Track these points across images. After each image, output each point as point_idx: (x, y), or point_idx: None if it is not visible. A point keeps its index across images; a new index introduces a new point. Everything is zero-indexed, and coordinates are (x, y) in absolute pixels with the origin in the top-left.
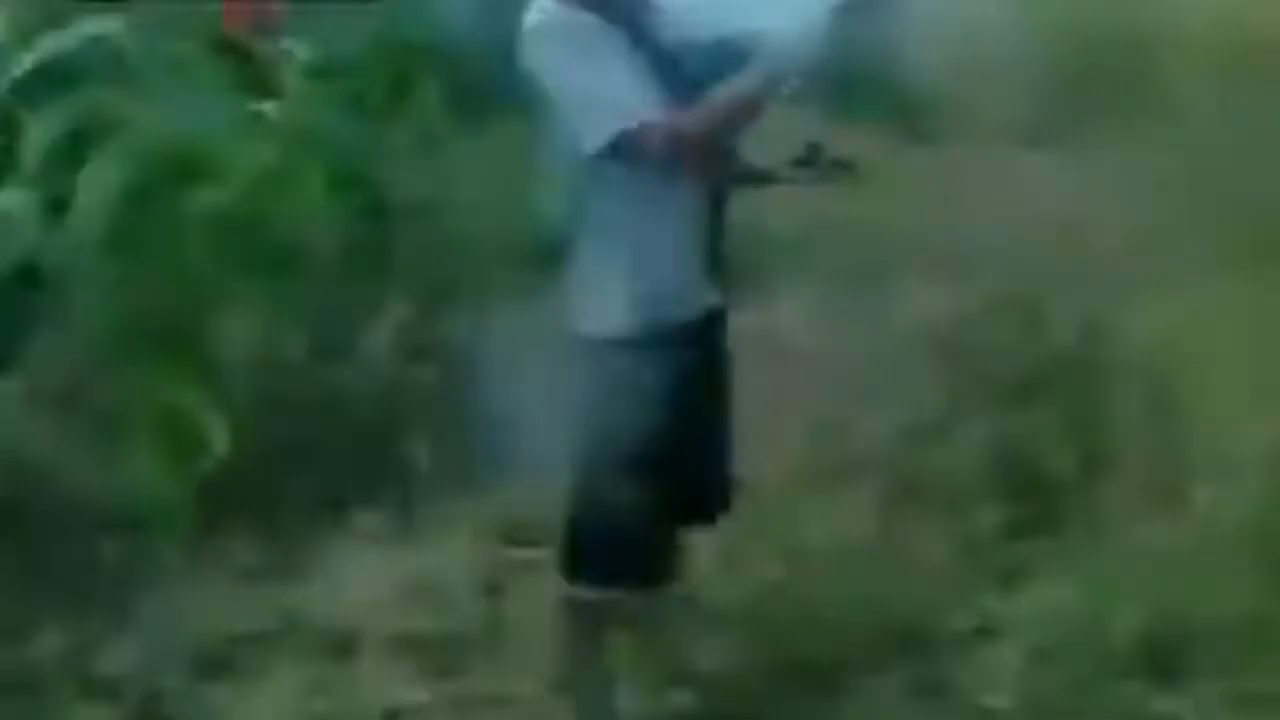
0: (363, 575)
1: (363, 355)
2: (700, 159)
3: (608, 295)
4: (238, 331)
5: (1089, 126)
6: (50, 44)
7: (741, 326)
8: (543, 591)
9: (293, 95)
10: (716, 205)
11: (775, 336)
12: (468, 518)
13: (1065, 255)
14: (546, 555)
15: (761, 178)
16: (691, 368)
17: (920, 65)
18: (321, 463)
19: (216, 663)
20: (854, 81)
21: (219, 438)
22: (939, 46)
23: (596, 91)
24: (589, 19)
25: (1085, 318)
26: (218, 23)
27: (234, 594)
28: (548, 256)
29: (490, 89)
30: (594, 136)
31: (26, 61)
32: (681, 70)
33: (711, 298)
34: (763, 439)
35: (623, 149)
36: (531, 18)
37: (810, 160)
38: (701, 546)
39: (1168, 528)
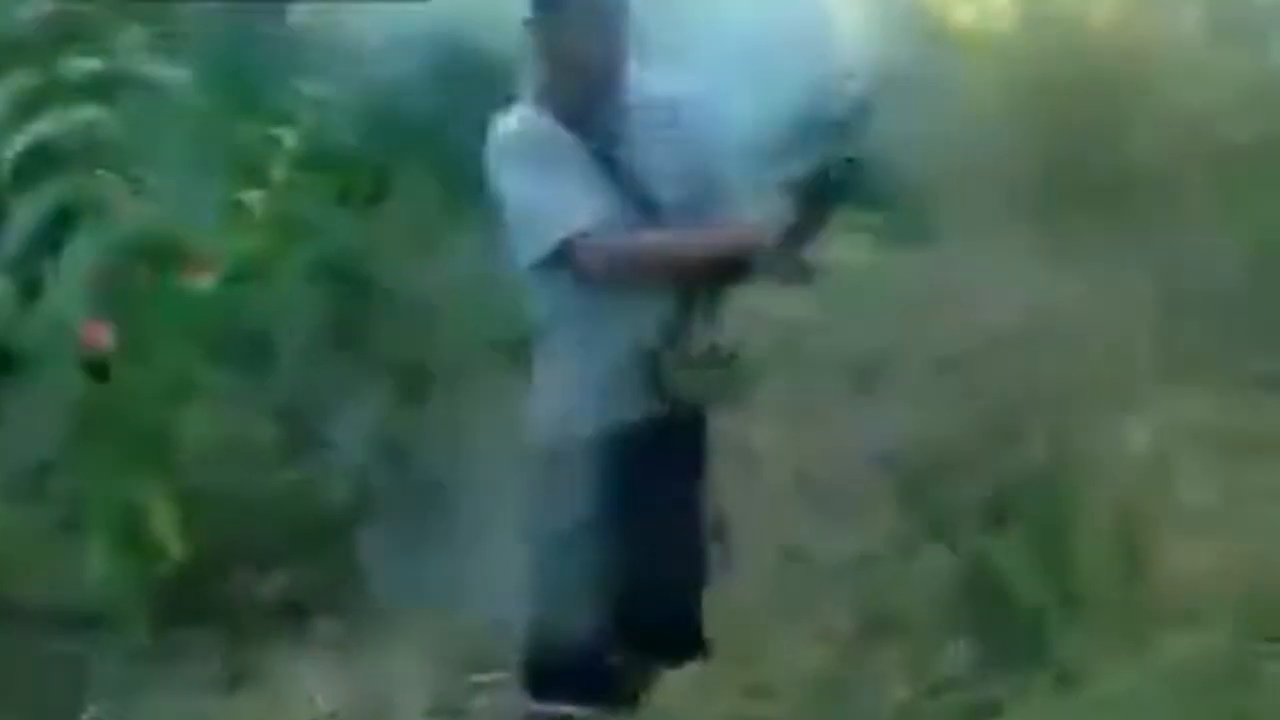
0: (315, 690)
1: (334, 449)
2: (649, 278)
3: (552, 401)
4: (206, 423)
5: (1074, 229)
6: (38, 128)
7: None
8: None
9: (278, 184)
10: (686, 311)
11: (745, 449)
12: (430, 631)
13: (1046, 366)
14: (507, 679)
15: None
16: (637, 477)
17: (905, 166)
18: (283, 564)
19: None
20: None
21: (175, 536)
22: (924, 147)
23: (540, 203)
24: (552, 128)
25: (1061, 436)
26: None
27: (182, 703)
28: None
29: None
30: (532, 248)
31: (15, 145)
32: (650, 181)
33: (657, 406)
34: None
35: (562, 261)
36: (498, 124)
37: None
38: (668, 674)
39: (1137, 669)
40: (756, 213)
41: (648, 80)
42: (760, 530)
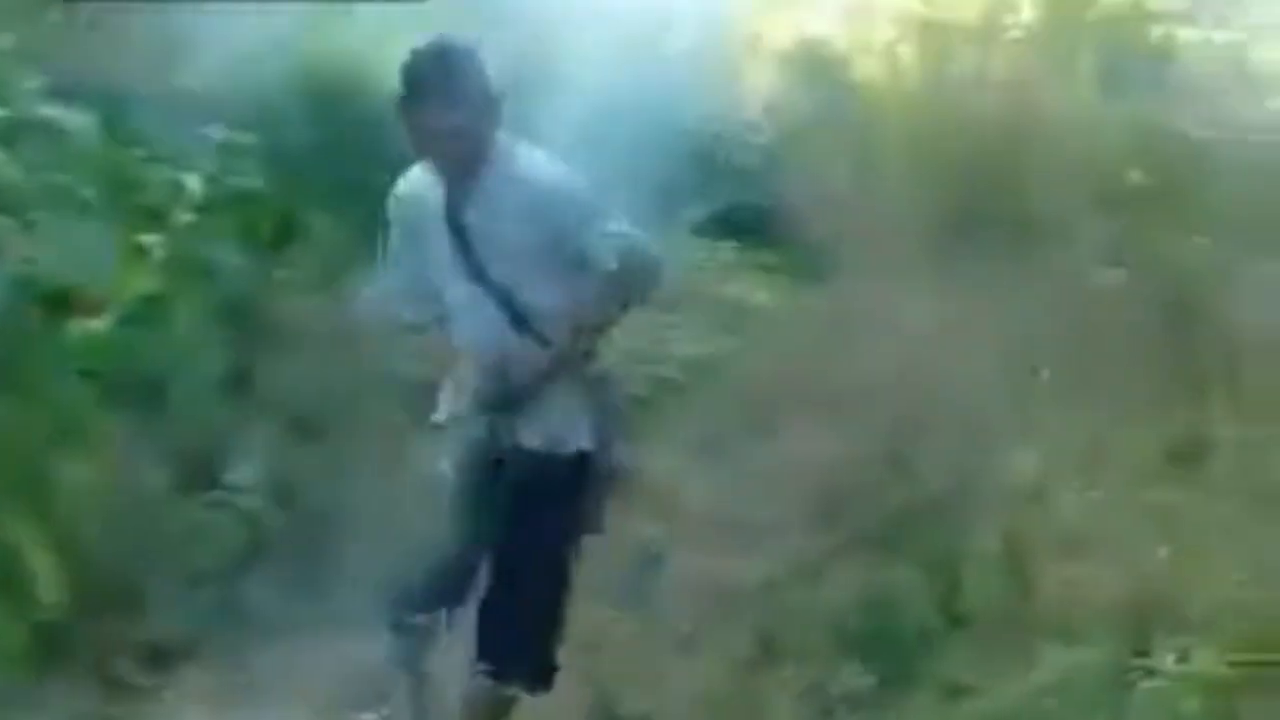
0: None
1: (228, 491)
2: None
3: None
4: (95, 467)
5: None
6: None
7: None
8: None
9: (179, 227)
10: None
11: (652, 480)
12: (313, 671)
13: (942, 398)
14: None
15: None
16: (494, 509)
17: (811, 208)
18: (167, 609)
19: None
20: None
21: (51, 582)
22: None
23: (392, 280)
24: (426, 192)
25: (953, 464)
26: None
27: None
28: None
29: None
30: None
31: None
32: (491, 255)
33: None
34: (628, 589)
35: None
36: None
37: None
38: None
39: (1019, 685)
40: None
41: (519, 157)
42: (669, 558)
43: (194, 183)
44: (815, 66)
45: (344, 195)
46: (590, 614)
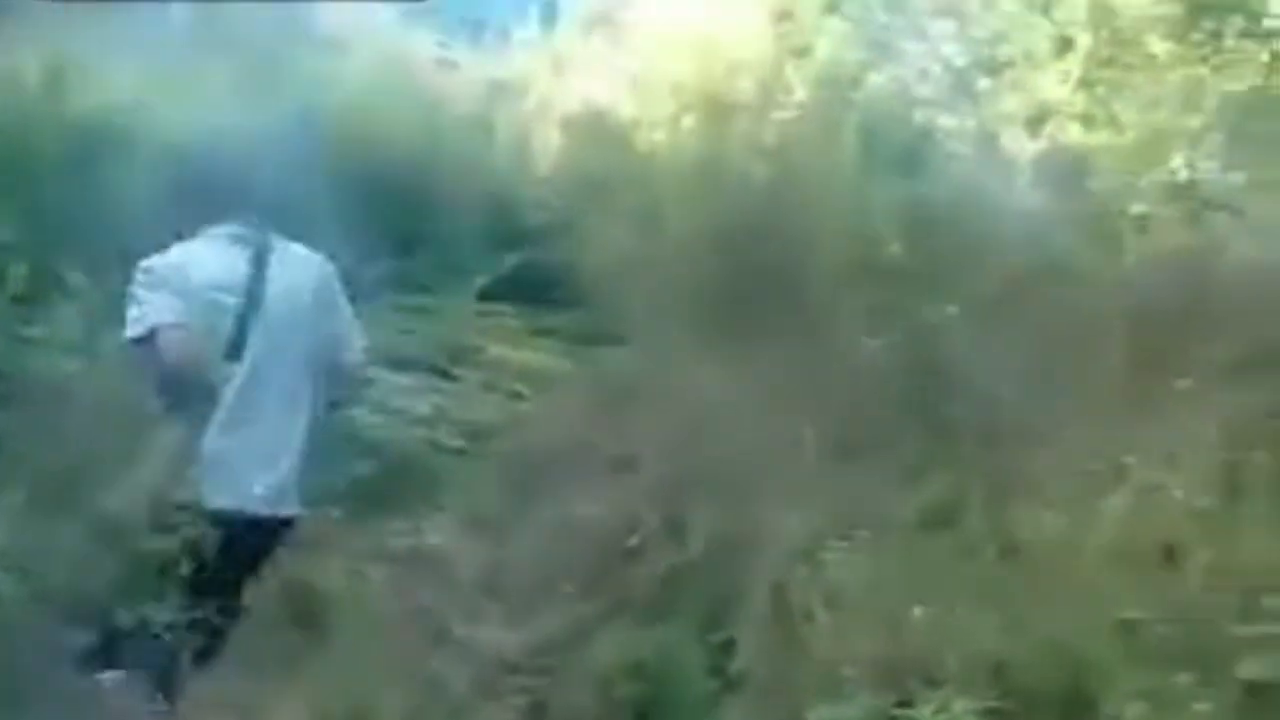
0: None
1: None
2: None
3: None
4: None
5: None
6: None
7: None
8: None
9: None
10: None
11: (429, 547)
12: None
13: (716, 462)
14: None
15: None
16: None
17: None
18: None
19: None
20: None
21: None
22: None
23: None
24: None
25: (727, 526)
26: None
27: None
28: None
29: None
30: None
31: None
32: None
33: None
34: (394, 657)
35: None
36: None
37: None
38: None
39: None
40: None
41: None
42: (442, 627)
43: None
44: (601, 134)
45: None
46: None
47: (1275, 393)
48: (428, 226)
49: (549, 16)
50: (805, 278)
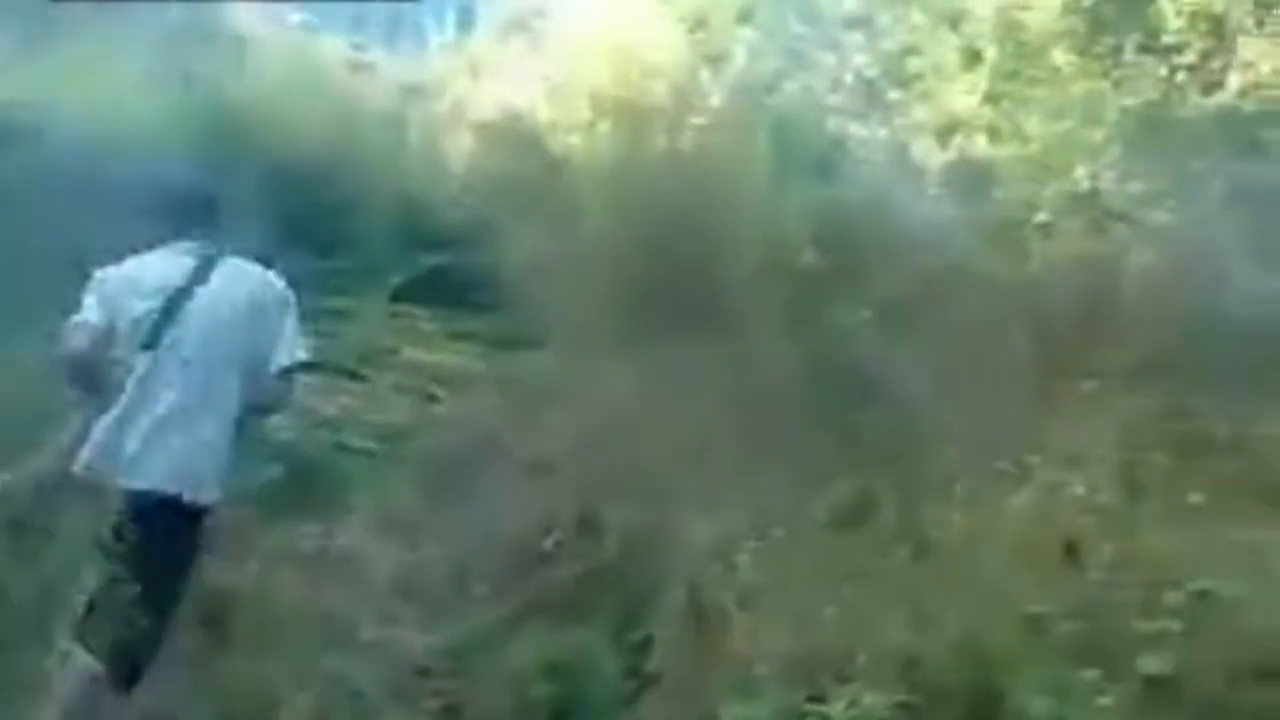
0: None
1: None
2: None
3: None
4: None
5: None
6: None
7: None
8: None
9: None
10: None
11: (340, 549)
12: None
13: (631, 464)
14: None
15: None
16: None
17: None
18: None
19: None
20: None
21: None
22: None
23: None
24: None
25: (640, 528)
26: None
27: None
28: None
29: None
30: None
31: None
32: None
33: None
34: (310, 659)
35: None
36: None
37: None
38: None
39: None
40: None
41: None
42: (352, 629)
43: None
44: (517, 138)
45: None
46: (273, 687)
47: (1171, 395)
48: (341, 228)
49: (466, 21)
50: (719, 282)
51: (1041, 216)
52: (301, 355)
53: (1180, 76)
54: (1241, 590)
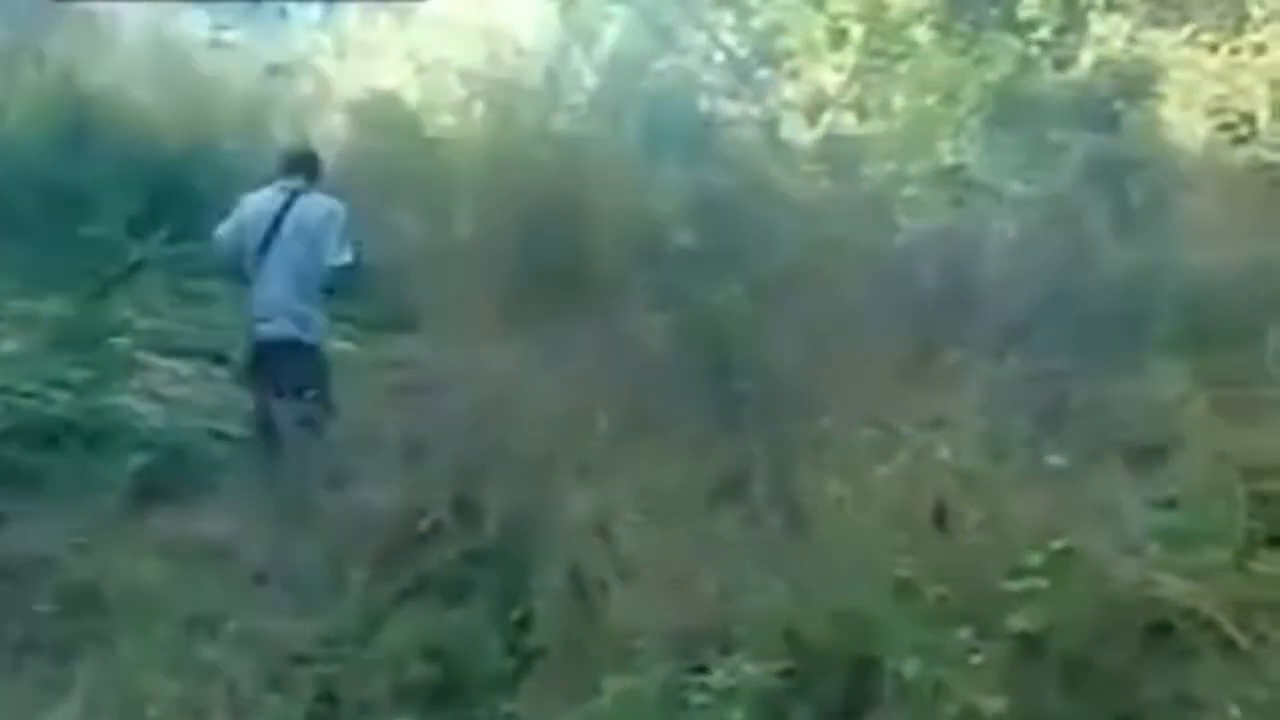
0: None
1: None
2: None
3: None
4: None
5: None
6: None
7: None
8: None
9: None
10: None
11: (211, 536)
12: None
13: (508, 444)
14: None
15: None
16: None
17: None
18: None
19: None
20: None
21: None
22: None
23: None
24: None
25: (519, 505)
26: None
27: None
28: None
29: None
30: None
31: None
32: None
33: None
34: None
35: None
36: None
37: None
38: None
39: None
40: None
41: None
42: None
43: None
44: (388, 119)
45: None
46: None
47: (1031, 360)
48: (202, 212)
49: None
50: (594, 261)
51: (908, 191)
52: (346, 258)
53: (1036, 52)
54: (1103, 548)
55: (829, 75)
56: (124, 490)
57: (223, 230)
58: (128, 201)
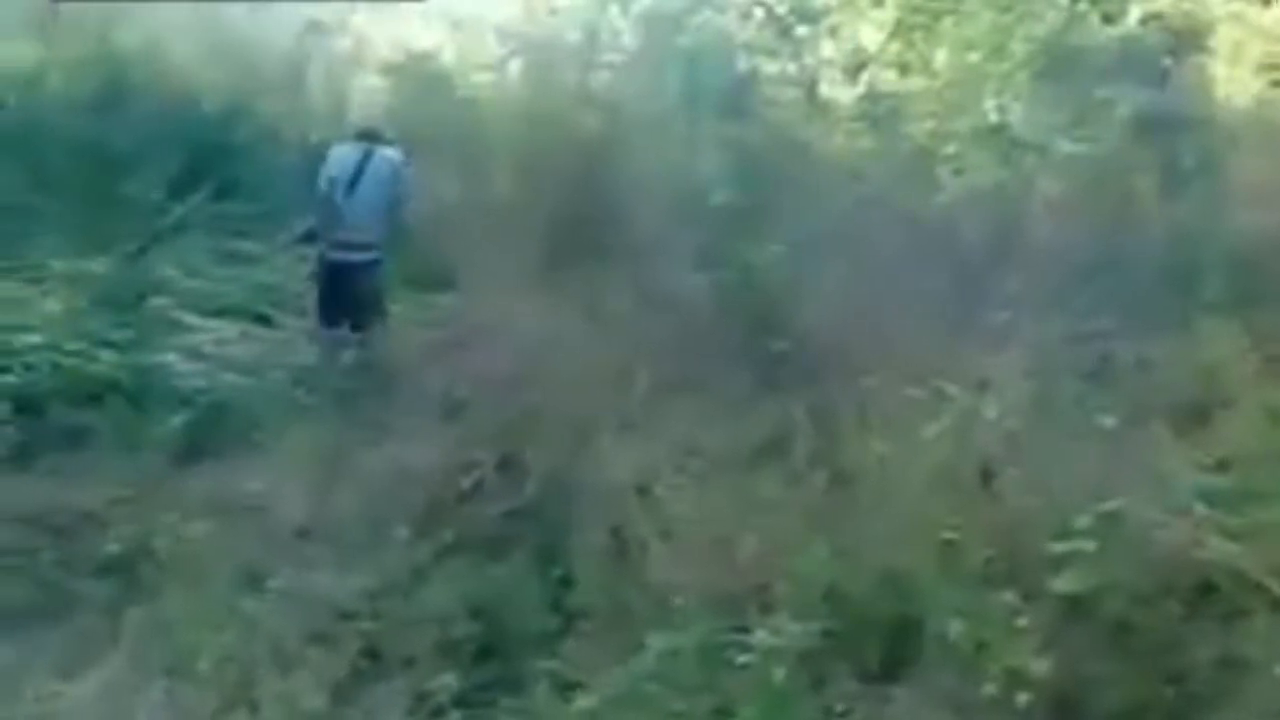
0: None
1: None
2: None
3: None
4: None
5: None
6: None
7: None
8: None
9: None
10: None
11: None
12: None
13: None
14: None
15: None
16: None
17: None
18: None
19: None
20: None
21: None
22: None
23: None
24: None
25: (560, 464)
26: None
27: None
28: None
29: None
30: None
31: None
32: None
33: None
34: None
35: None
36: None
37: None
38: None
39: (626, 672)
40: None
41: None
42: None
43: None
44: (424, 78)
45: None
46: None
47: (1078, 321)
48: (241, 171)
49: None
50: (632, 220)
51: (951, 149)
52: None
53: (1083, 7)
54: (1150, 510)
55: (869, 32)
56: (168, 448)
57: (320, 181)
58: (167, 161)
